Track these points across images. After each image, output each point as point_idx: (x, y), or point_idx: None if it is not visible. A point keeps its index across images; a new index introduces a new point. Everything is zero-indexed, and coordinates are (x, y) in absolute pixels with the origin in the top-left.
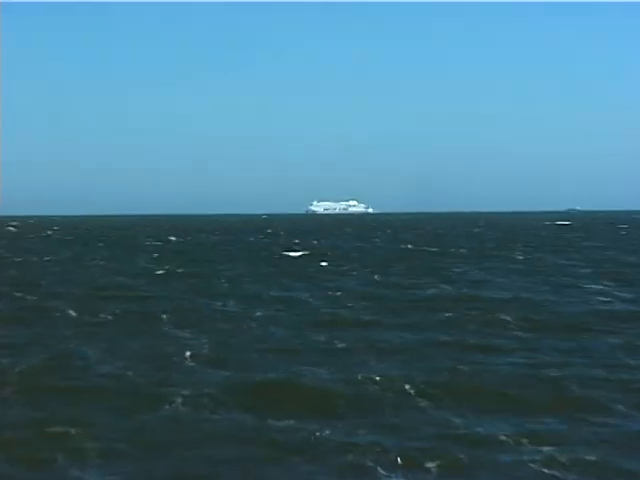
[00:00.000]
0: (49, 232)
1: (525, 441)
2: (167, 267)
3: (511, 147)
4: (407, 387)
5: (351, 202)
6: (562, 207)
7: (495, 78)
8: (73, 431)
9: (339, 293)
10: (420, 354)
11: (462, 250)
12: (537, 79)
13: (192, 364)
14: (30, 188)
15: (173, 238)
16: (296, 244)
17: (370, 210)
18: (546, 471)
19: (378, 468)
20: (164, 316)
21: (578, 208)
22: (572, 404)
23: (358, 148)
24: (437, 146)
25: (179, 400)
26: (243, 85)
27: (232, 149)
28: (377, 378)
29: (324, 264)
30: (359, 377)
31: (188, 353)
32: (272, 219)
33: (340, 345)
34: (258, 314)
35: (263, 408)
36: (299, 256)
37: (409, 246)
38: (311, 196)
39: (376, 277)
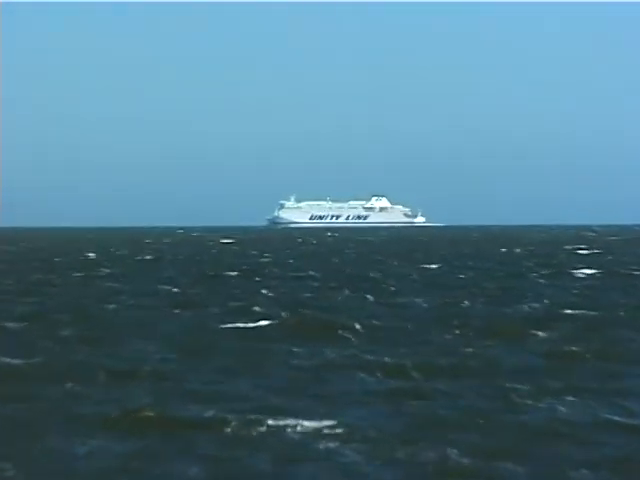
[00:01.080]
0: None
1: None
2: None
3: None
4: None
5: (376, 201)
6: None
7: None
8: None
9: (361, 419)
10: None
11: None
12: None
13: None
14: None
15: None
16: (264, 299)
17: (419, 220)
18: None
19: None
20: None
21: None
22: None
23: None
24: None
25: None
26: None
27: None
28: None
29: (331, 355)
30: None
31: None
32: (199, 237)
33: None
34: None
35: None
36: (263, 327)
37: (525, 303)
38: (280, 192)
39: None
